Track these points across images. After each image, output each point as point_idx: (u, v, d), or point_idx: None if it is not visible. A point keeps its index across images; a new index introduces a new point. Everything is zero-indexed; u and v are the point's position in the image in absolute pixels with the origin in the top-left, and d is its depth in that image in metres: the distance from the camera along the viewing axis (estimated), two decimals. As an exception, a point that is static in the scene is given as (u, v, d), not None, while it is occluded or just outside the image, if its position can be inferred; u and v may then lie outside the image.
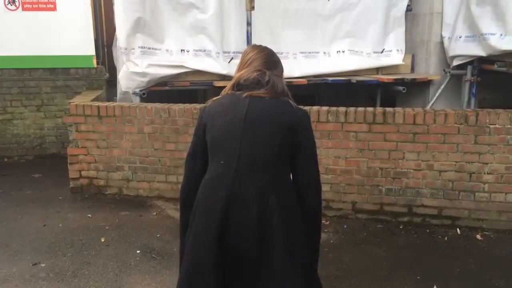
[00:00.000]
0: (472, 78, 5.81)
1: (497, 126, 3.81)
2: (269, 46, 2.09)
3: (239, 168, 1.82)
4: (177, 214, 4.26)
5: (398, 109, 4.08)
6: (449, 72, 5.99)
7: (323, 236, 3.80)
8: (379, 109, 4.08)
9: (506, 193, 3.90)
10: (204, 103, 5.61)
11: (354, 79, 5.90)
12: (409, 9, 6.21)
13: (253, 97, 1.86)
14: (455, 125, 3.87)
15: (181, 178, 4.79)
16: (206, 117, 1.93)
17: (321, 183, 1.96)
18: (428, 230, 3.98)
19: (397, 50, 6.23)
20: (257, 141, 1.83)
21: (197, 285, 1.85)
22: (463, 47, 5.65)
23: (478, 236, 3.87)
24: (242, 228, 1.80)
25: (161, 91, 5.55)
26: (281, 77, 1.99)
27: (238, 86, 1.92)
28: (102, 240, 3.76)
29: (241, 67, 1.99)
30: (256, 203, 1.80)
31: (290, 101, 1.91)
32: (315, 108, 4.13)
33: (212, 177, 1.88)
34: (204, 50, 5.45)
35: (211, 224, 1.82)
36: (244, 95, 1.87)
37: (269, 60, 1.98)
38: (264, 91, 1.87)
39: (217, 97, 1.98)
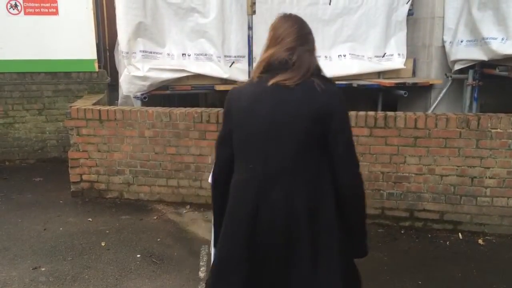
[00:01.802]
0: (474, 82, 5.82)
1: (498, 130, 3.80)
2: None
3: (266, 171, 1.78)
4: (177, 218, 4.28)
5: (399, 113, 4.07)
6: (451, 76, 5.99)
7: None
8: (380, 113, 4.08)
9: (508, 198, 3.88)
10: (205, 107, 5.59)
11: (355, 83, 5.90)
12: (410, 13, 6.23)
13: (278, 87, 1.76)
14: (457, 129, 3.86)
15: (182, 182, 4.80)
16: (233, 110, 1.87)
17: (361, 174, 1.82)
18: (429, 235, 3.96)
19: (399, 54, 6.24)
20: (283, 142, 1.76)
21: (224, 284, 1.85)
22: (464, 51, 5.66)
23: (480, 241, 3.85)
24: (270, 231, 1.77)
25: (162, 95, 5.57)
26: (313, 51, 1.87)
27: (267, 67, 1.82)
28: (103, 244, 3.76)
29: (270, 43, 1.86)
30: (284, 206, 1.76)
31: (317, 81, 1.77)
32: (316, 112, 4.11)
33: (241, 179, 1.85)
34: (205, 54, 5.47)
35: (240, 227, 1.81)
36: (270, 83, 1.77)
37: (300, 34, 1.86)
38: (290, 75, 1.76)
39: (243, 84, 1.91)
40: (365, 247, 1.94)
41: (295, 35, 1.84)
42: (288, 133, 1.75)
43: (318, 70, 1.83)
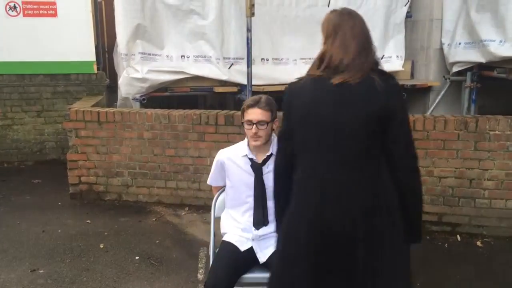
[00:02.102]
0: (472, 84, 5.83)
1: (497, 132, 3.81)
2: (269, 52, 2.06)
3: (328, 171, 1.81)
4: (176, 220, 4.27)
5: (398, 115, 4.07)
6: (449, 78, 6.00)
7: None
8: (379, 115, 4.08)
9: (506, 200, 3.88)
10: (204, 109, 5.58)
11: (354, 85, 5.90)
12: (408, 15, 6.23)
13: (340, 86, 1.77)
14: (455, 131, 3.86)
15: (180, 184, 4.80)
16: (294, 107, 1.88)
17: (419, 169, 1.89)
18: (428, 237, 3.96)
19: (397, 57, 6.25)
20: (345, 142, 1.79)
21: (290, 278, 1.89)
22: (462, 54, 5.66)
23: (478, 243, 3.86)
24: (334, 228, 1.80)
25: (161, 96, 5.57)
26: (371, 45, 1.87)
27: (330, 65, 1.82)
28: (101, 246, 3.75)
29: (339, 42, 1.84)
30: (346, 205, 1.79)
31: (377, 78, 1.78)
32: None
33: (303, 178, 1.88)
34: (204, 56, 5.46)
35: (303, 224, 1.84)
36: (332, 82, 1.78)
37: (364, 32, 1.88)
38: (352, 73, 1.77)
39: (301, 80, 1.89)
40: (421, 235, 1.98)
41: (360, 35, 1.85)
42: (350, 132, 1.78)
43: (376, 64, 1.85)
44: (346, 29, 1.85)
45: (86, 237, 3.91)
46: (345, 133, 1.78)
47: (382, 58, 6.15)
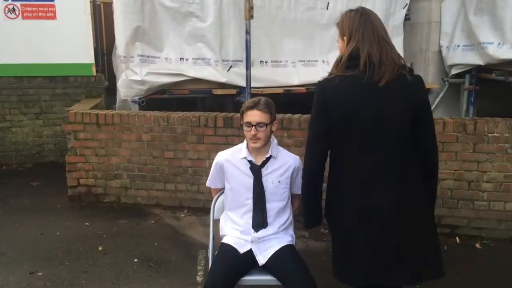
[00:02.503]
0: (470, 86, 5.85)
1: (495, 134, 3.81)
2: (268, 55, 2.09)
3: (372, 167, 1.88)
4: (175, 223, 4.26)
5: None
6: (448, 80, 6.02)
7: (322, 245, 3.79)
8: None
9: (505, 202, 3.89)
10: (203, 111, 5.57)
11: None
12: (407, 18, 6.24)
13: (377, 83, 1.82)
14: (454, 133, 3.87)
15: (179, 186, 4.78)
16: (331, 107, 1.90)
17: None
18: (427, 239, 3.96)
19: (396, 59, 6.25)
20: (386, 138, 1.86)
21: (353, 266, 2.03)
22: (461, 56, 5.68)
23: (477, 245, 3.86)
24: (380, 221, 1.89)
25: (160, 99, 5.57)
26: (391, 42, 1.92)
27: (364, 63, 1.84)
28: (100, 248, 3.74)
29: (359, 37, 1.88)
30: (390, 199, 1.88)
31: (407, 74, 1.86)
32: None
33: (347, 182, 1.94)
34: (203, 59, 5.47)
35: (354, 220, 1.93)
36: (369, 80, 1.83)
37: (384, 28, 1.92)
38: (386, 71, 1.83)
39: (337, 79, 1.89)
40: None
41: (382, 31, 1.90)
42: (390, 129, 1.86)
43: (399, 57, 1.90)
44: (372, 25, 1.90)
45: (85, 239, 3.90)
46: (385, 129, 1.85)
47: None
